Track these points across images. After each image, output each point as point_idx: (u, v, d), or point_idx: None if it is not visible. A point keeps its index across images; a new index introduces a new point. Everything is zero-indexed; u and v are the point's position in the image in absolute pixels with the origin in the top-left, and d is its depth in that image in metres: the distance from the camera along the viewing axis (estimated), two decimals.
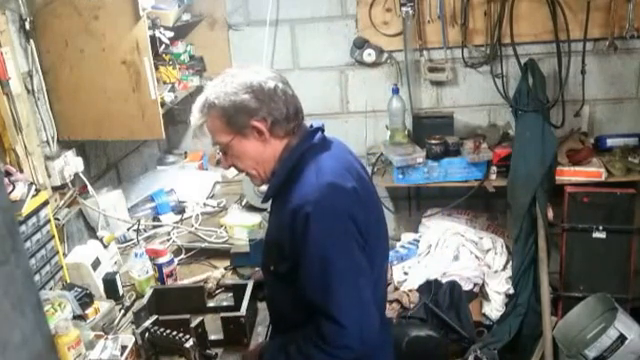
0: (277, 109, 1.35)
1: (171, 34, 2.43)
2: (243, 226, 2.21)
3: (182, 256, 2.18)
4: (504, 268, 2.86)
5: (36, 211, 1.74)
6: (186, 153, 3.15)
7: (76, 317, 1.65)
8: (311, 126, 1.44)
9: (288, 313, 1.42)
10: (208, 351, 1.54)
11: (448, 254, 2.83)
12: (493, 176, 2.84)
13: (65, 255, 1.94)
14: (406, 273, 2.84)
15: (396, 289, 2.78)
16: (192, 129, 1.44)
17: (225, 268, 2.06)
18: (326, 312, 1.25)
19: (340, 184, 1.31)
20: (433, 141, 2.80)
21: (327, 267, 1.26)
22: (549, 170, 2.72)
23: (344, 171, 1.36)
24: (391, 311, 2.64)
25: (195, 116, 1.41)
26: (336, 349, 1.26)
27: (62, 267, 1.86)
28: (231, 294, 1.81)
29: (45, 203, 1.80)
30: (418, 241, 2.96)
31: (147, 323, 1.55)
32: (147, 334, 1.53)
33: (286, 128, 1.37)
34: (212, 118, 1.38)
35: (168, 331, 1.52)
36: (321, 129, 1.43)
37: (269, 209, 1.54)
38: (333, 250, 1.26)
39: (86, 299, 1.70)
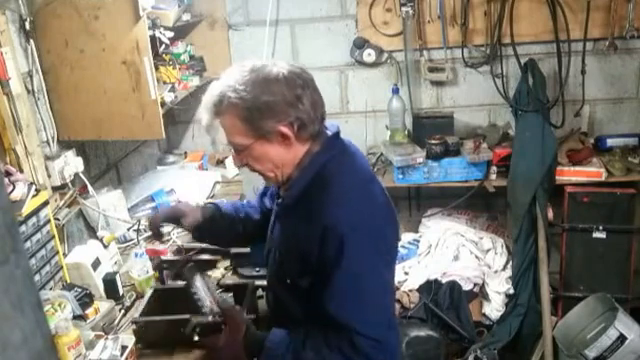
0: (305, 111, 1.24)
1: (171, 34, 2.43)
2: None
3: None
4: (504, 268, 2.87)
5: (36, 211, 1.74)
6: (186, 153, 3.15)
7: (76, 317, 1.65)
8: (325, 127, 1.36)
9: (299, 323, 1.35)
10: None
11: (448, 254, 2.83)
12: (493, 176, 2.84)
13: (65, 255, 1.94)
14: (406, 273, 2.84)
15: (396, 289, 2.78)
16: (203, 125, 1.33)
17: (225, 268, 2.06)
18: (355, 328, 1.22)
19: (373, 201, 1.29)
20: (433, 141, 2.80)
21: (359, 288, 1.24)
22: (549, 170, 2.72)
23: (373, 184, 1.33)
24: None
25: (208, 112, 1.28)
26: None
27: (62, 267, 1.86)
28: (231, 294, 1.81)
29: (45, 203, 1.80)
30: (418, 241, 2.97)
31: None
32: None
33: (312, 131, 1.27)
34: (230, 117, 1.25)
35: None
36: (339, 133, 1.36)
37: (272, 218, 1.45)
38: (366, 270, 1.24)
39: (86, 299, 1.70)
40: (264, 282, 1.69)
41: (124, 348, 1.54)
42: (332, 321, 1.24)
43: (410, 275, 2.81)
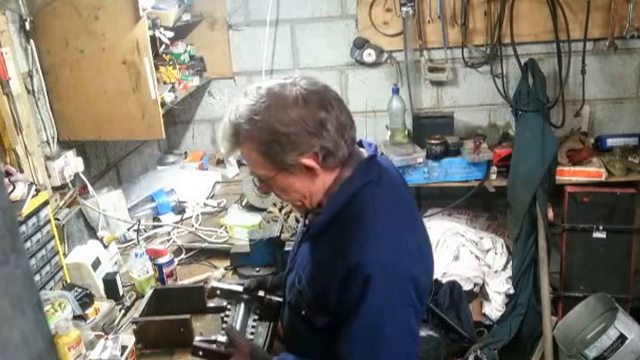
0: (330, 138, 1.12)
1: (171, 34, 2.43)
2: (243, 226, 2.21)
3: (182, 256, 2.18)
4: (504, 268, 2.87)
5: (36, 211, 1.74)
6: (186, 153, 3.15)
7: (76, 317, 1.65)
8: (360, 143, 1.25)
9: (309, 350, 1.28)
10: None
11: (448, 254, 2.83)
12: (493, 176, 2.84)
13: (65, 255, 1.94)
14: None
15: None
16: (223, 154, 1.26)
17: (225, 268, 2.06)
18: None
19: (407, 242, 1.18)
20: (433, 141, 2.80)
21: (379, 336, 1.13)
22: (549, 170, 2.72)
23: (411, 221, 1.24)
24: None
25: (225, 144, 1.18)
26: None
27: (62, 267, 1.86)
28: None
29: (45, 203, 1.80)
30: None
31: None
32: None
33: (340, 157, 1.16)
34: (248, 150, 1.16)
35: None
36: (375, 156, 1.24)
37: (298, 237, 1.37)
38: (388, 319, 1.13)
39: (86, 299, 1.70)
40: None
41: (124, 348, 1.54)
42: None
43: None
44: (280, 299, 1.43)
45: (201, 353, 1.33)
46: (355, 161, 1.20)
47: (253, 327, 1.41)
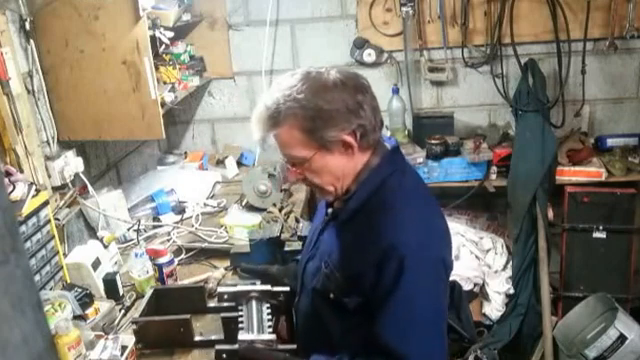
0: (366, 118, 1.20)
1: (171, 34, 2.43)
2: (243, 226, 2.21)
3: (182, 256, 2.18)
4: (504, 268, 2.87)
5: (36, 211, 1.74)
6: (186, 153, 3.15)
7: (76, 317, 1.65)
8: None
9: (333, 334, 1.29)
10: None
11: None
12: (493, 176, 2.84)
13: (65, 255, 1.93)
14: None
15: None
16: (256, 140, 1.24)
17: (225, 268, 2.06)
18: (409, 358, 1.17)
19: (436, 226, 1.24)
20: (433, 141, 2.80)
21: (414, 316, 1.18)
22: (549, 170, 2.72)
23: (434, 208, 1.29)
24: None
25: (263, 125, 1.19)
26: None
27: (62, 267, 1.86)
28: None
29: (45, 203, 1.80)
30: None
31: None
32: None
33: (373, 139, 1.23)
34: (289, 129, 1.18)
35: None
36: (398, 147, 1.33)
37: (318, 226, 1.38)
38: (423, 299, 1.18)
39: (86, 299, 1.70)
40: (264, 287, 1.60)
41: (124, 348, 1.53)
42: (382, 348, 1.17)
43: None
44: (287, 289, 1.44)
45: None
46: (381, 151, 1.27)
47: (269, 321, 1.42)
